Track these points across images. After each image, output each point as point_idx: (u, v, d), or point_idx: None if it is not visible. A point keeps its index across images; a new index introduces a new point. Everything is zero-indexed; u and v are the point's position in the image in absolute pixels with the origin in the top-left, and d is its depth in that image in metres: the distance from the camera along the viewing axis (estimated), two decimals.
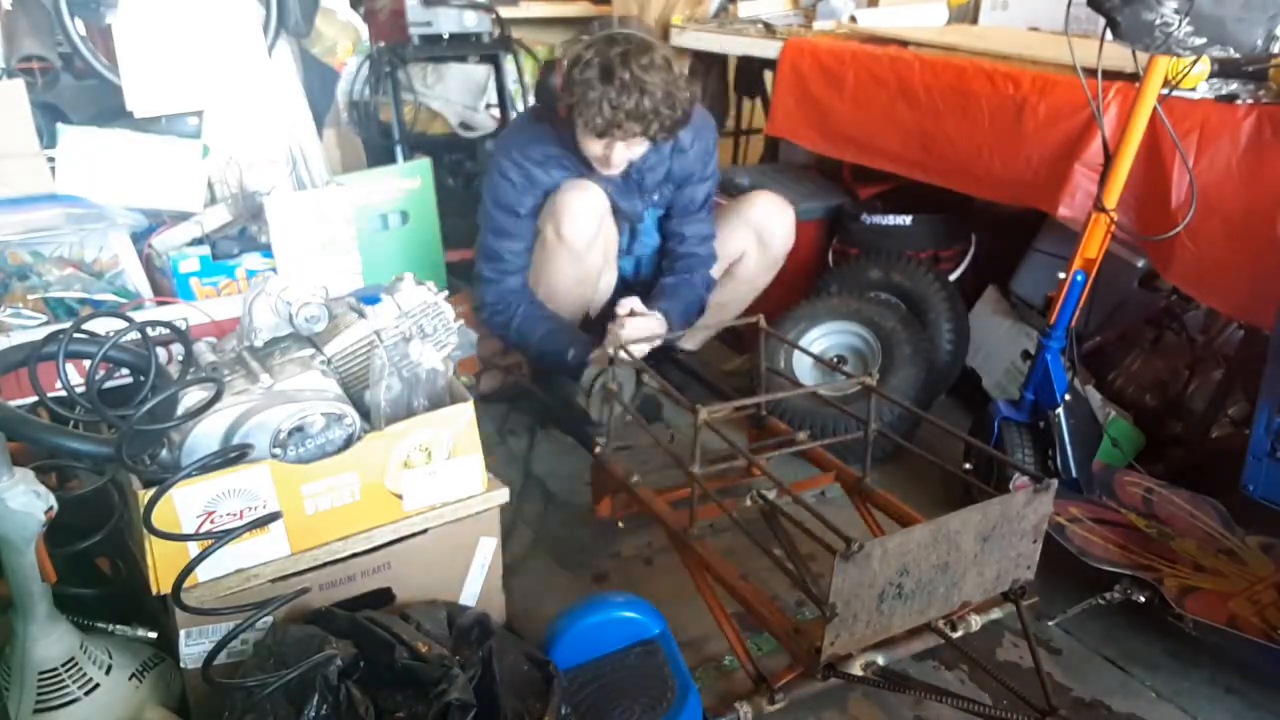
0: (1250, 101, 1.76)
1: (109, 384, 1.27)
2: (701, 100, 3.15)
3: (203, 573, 1.20)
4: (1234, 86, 1.81)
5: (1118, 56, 1.63)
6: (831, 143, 2.56)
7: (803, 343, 2.28)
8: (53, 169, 1.95)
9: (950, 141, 2.22)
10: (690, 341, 2.49)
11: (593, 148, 1.99)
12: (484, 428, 1.42)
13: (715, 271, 2.32)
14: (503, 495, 1.43)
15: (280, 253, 1.93)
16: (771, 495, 1.54)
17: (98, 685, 1.23)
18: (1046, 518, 1.37)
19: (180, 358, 1.29)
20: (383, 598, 1.37)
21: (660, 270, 2.32)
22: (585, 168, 2.09)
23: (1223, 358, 2.11)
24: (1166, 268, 1.87)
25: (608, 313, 2.24)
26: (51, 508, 1.12)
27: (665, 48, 1.96)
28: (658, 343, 2.06)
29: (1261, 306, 1.70)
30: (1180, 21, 1.45)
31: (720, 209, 2.37)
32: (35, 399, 1.20)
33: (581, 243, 2.08)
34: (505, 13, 3.16)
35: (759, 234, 2.29)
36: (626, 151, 2.00)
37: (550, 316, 2.14)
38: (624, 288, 2.34)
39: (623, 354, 1.80)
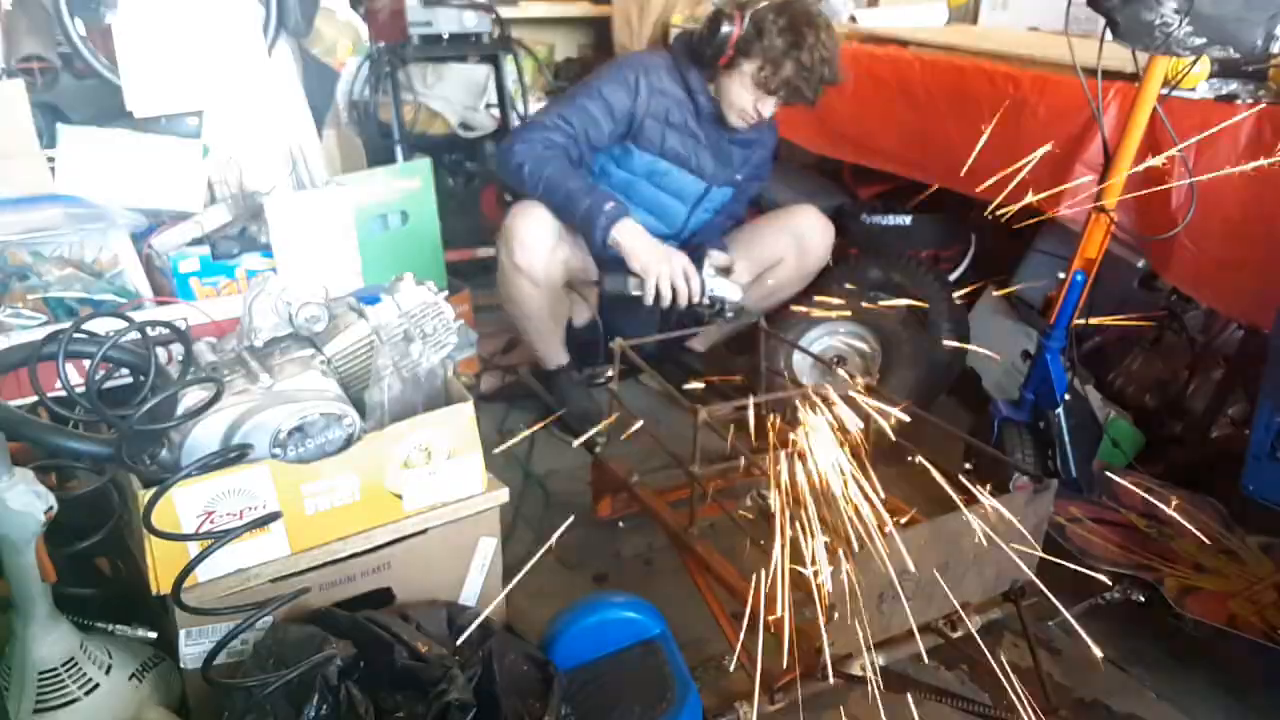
0: (1250, 101, 1.76)
1: (109, 384, 1.27)
2: None
3: (202, 573, 1.20)
4: (1234, 86, 1.81)
5: (1118, 56, 1.63)
6: (831, 143, 2.56)
7: (803, 343, 2.28)
8: (53, 169, 1.95)
9: (950, 141, 2.22)
10: (700, 343, 2.50)
11: (743, 98, 2.10)
12: (484, 428, 1.42)
13: (747, 275, 2.33)
14: (503, 495, 1.43)
15: (280, 253, 1.93)
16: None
17: (98, 685, 1.23)
18: (1046, 518, 1.37)
19: (180, 358, 1.29)
20: (383, 598, 1.37)
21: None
22: (694, 117, 2.17)
23: (1223, 358, 2.11)
24: (1166, 268, 1.87)
25: (613, 315, 2.28)
26: (51, 508, 1.12)
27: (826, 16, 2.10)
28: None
29: (1261, 307, 1.70)
30: (1180, 21, 1.45)
31: (762, 217, 2.43)
32: (35, 399, 1.20)
33: (538, 268, 2.12)
34: (505, 13, 3.16)
35: (799, 243, 2.33)
36: (768, 112, 2.13)
37: (590, 184, 2.10)
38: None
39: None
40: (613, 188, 2.20)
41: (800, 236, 2.33)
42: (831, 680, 1.34)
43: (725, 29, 2.05)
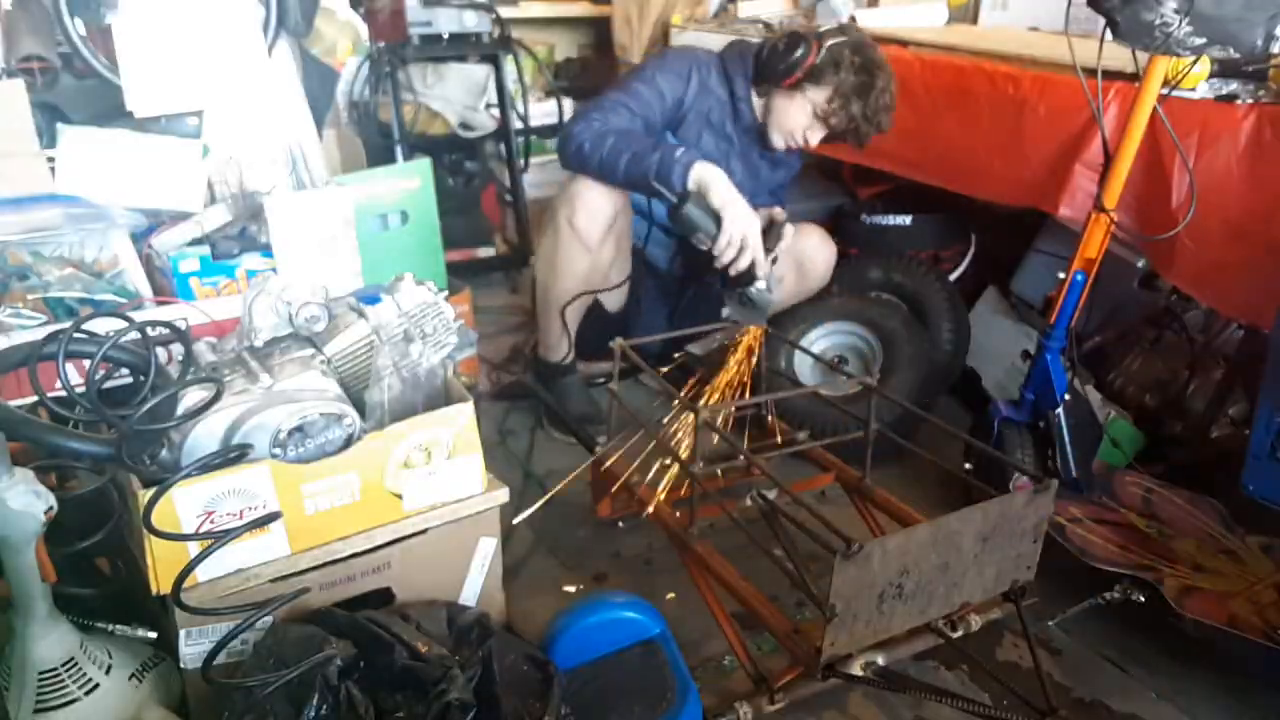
0: (1250, 101, 1.76)
1: (109, 384, 1.27)
2: None
3: (202, 573, 1.20)
4: (1234, 86, 1.81)
5: (1118, 56, 1.63)
6: (830, 143, 2.56)
7: (803, 343, 2.28)
8: (53, 169, 1.95)
9: (950, 141, 2.22)
10: (699, 346, 2.50)
11: (798, 122, 2.12)
12: (484, 428, 1.42)
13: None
14: (503, 495, 1.43)
15: (280, 253, 1.93)
16: (771, 495, 1.54)
17: (98, 685, 1.23)
18: (1046, 518, 1.37)
19: (180, 358, 1.29)
20: (383, 598, 1.37)
21: (686, 266, 2.38)
22: (732, 122, 2.19)
23: (1223, 358, 2.11)
24: (1166, 268, 1.87)
25: (627, 310, 2.29)
26: (51, 508, 1.12)
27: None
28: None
29: (1261, 307, 1.70)
30: (1180, 21, 1.45)
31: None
32: (35, 399, 1.20)
33: (595, 236, 2.10)
34: (505, 13, 3.16)
35: (800, 264, 2.31)
36: (814, 140, 2.16)
37: (655, 141, 2.02)
38: (654, 277, 2.39)
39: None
40: None
41: (801, 257, 2.31)
42: (831, 680, 1.34)
43: (801, 51, 2.05)
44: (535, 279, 2.30)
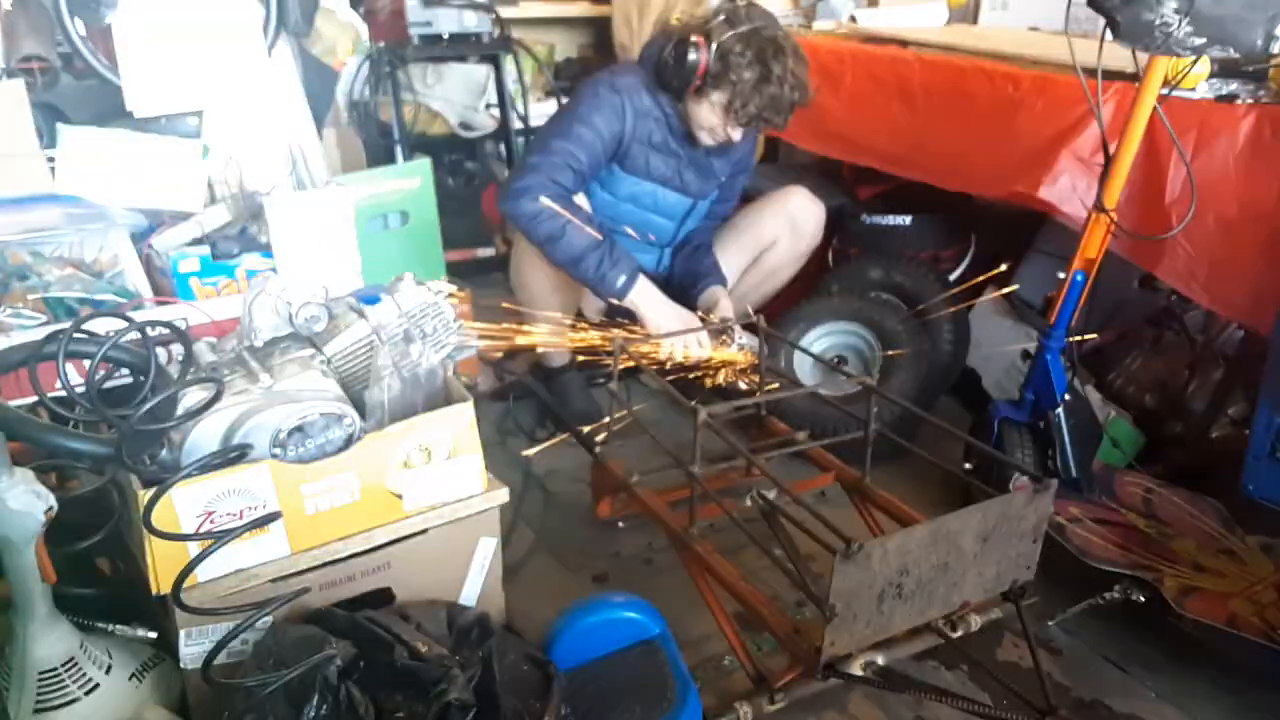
0: (1250, 101, 1.76)
1: (109, 384, 1.27)
2: None
3: (202, 573, 1.20)
4: (1234, 86, 1.81)
5: (1118, 56, 1.63)
6: (830, 143, 2.56)
7: (803, 343, 2.28)
8: (53, 169, 1.95)
9: (950, 141, 2.22)
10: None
11: (713, 122, 2.07)
12: (484, 428, 1.42)
13: (744, 258, 2.39)
14: (503, 495, 1.43)
15: (280, 253, 1.93)
16: (771, 495, 1.54)
17: (97, 685, 1.23)
18: (1046, 518, 1.37)
19: (180, 358, 1.29)
20: (383, 598, 1.37)
21: (674, 265, 2.38)
22: (671, 135, 2.15)
23: (1223, 358, 2.11)
24: (1157, 266, 1.87)
25: (615, 310, 2.25)
26: (51, 508, 1.12)
27: (793, 37, 2.05)
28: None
29: (1258, 307, 1.70)
30: (1180, 21, 1.45)
31: (752, 203, 2.44)
32: (35, 399, 1.20)
33: None
34: (505, 13, 3.16)
35: (792, 223, 2.35)
36: (736, 136, 2.10)
37: (596, 242, 2.01)
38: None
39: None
40: (599, 210, 2.17)
41: (792, 217, 2.35)
42: (831, 680, 1.34)
43: (692, 58, 1.98)
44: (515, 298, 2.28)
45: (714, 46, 1.98)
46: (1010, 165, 2.06)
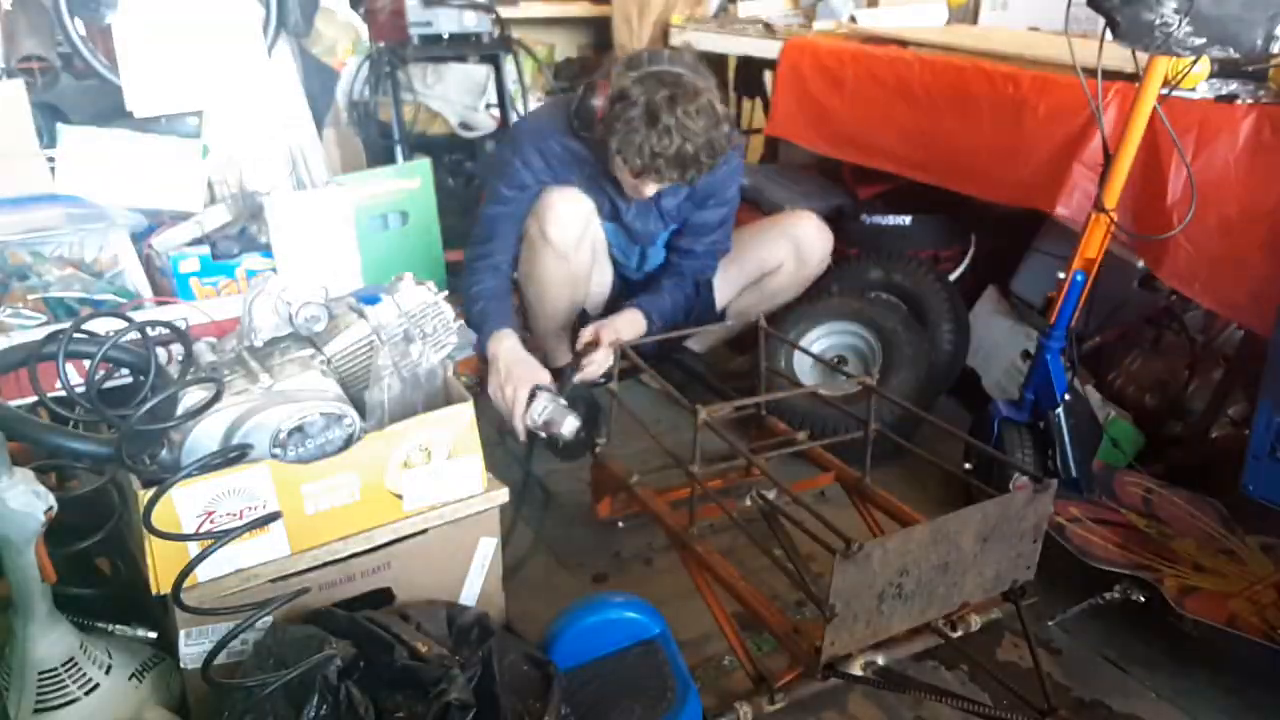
0: (1250, 101, 1.76)
1: (109, 384, 1.27)
2: None
3: (202, 573, 1.20)
4: (1234, 86, 1.81)
5: (1118, 56, 1.63)
6: (831, 143, 2.56)
7: (803, 343, 2.28)
8: (53, 169, 1.95)
9: (950, 141, 2.22)
10: (698, 343, 2.50)
11: (622, 175, 1.97)
12: (484, 428, 1.42)
13: (744, 277, 2.33)
14: (503, 495, 1.43)
15: (280, 253, 1.93)
16: (771, 495, 1.54)
17: (97, 685, 1.23)
18: (1046, 518, 1.37)
19: (180, 358, 1.29)
20: (383, 598, 1.37)
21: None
22: (605, 177, 2.06)
23: (1223, 358, 2.11)
24: (1159, 267, 1.87)
25: (609, 310, 2.25)
26: (51, 508, 1.12)
27: (711, 89, 1.87)
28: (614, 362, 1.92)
29: (1259, 307, 1.70)
30: (1180, 21, 1.45)
31: (761, 221, 2.39)
32: (35, 399, 1.20)
33: (569, 243, 2.08)
34: (505, 13, 3.16)
35: (798, 249, 2.30)
36: (658, 186, 1.96)
37: (493, 298, 2.04)
38: (628, 293, 2.31)
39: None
40: None
41: (799, 243, 2.30)
42: (831, 680, 1.34)
43: (591, 102, 1.90)
44: (523, 298, 2.26)
45: (611, 94, 1.86)
46: (1022, 175, 2.06)
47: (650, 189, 1.96)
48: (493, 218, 2.08)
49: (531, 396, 1.84)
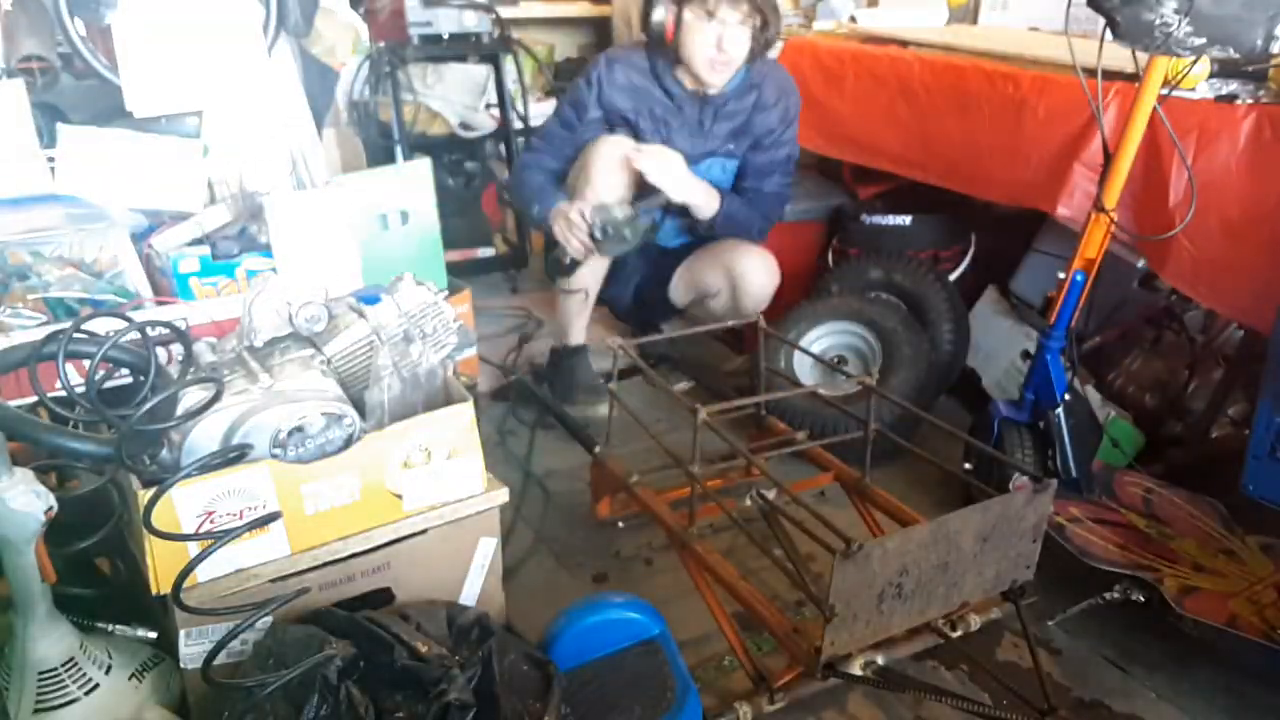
0: (1250, 101, 1.76)
1: (109, 384, 1.27)
2: None
3: (202, 573, 1.20)
4: (1234, 86, 1.81)
5: (1118, 56, 1.63)
6: (831, 143, 2.56)
7: (803, 343, 2.28)
8: (53, 169, 1.95)
9: (950, 141, 2.22)
10: (673, 326, 2.56)
11: (704, 45, 2.12)
12: (484, 428, 1.42)
13: (692, 291, 2.43)
14: (503, 495, 1.43)
15: (280, 253, 1.92)
16: (771, 495, 1.54)
17: (97, 685, 1.23)
18: (1046, 518, 1.37)
19: (180, 358, 1.29)
20: (382, 598, 1.37)
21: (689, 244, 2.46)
22: (668, 99, 2.24)
23: (1223, 358, 2.11)
24: (1163, 267, 1.87)
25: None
26: (51, 508, 1.12)
27: None
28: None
29: (1260, 307, 1.70)
30: (1180, 21, 1.45)
31: (715, 245, 2.39)
32: (35, 399, 1.20)
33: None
34: (505, 13, 3.16)
35: (737, 283, 2.32)
36: (734, 46, 2.12)
37: (543, 186, 2.32)
38: (655, 256, 2.48)
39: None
40: None
41: (738, 277, 2.31)
42: (831, 680, 1.34)
43: (658, 14, 2.14)
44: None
45: None
46: (1022, 175, 2.06)
47: (729, 42, 2.11)
48: (550, 131, 2.35)
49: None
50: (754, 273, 2.30)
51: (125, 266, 1.87)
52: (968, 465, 1.88)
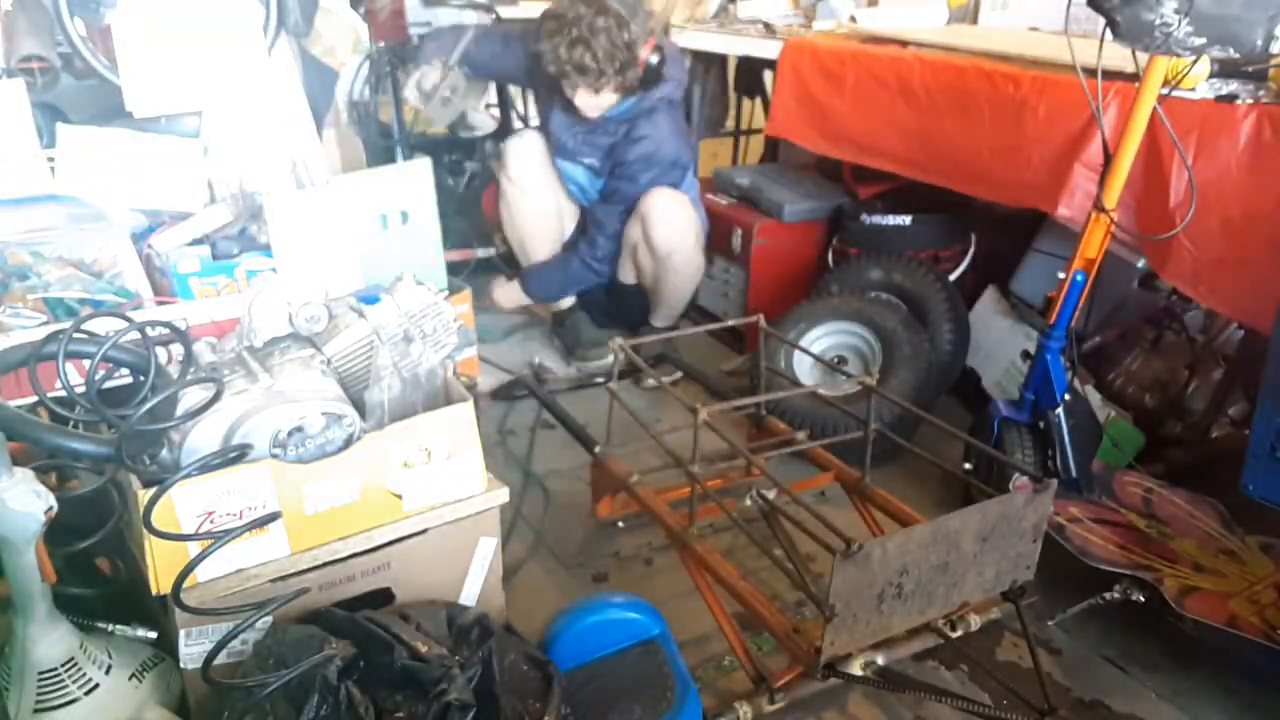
0: (1250, 101, 1.76)
1: (109, 384, 1.27)
2: (701, 100, 3.17)
3: (202, 573, 1.20)
4: (1234, 86, 1.81)
5: (1118, 56, 1.63)
6: (831, 143, 2.56)
7: (803, 343, 2.28)
8: (53, 169, 1.95)
9: (950, 141, 2.22)
10: (658, 319, 2.67)
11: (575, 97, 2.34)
12: (484, 428, 1.42)
13: (630, 270, 2.60)
14: (503, 495, 1.43)
15: (280, 253, 1.92)
16: (771, 495, 1.54)
17: (97, 685, 1.23)
18: (1046, 518, 1.37)
19: (180, 358, 1.29)
20: (382, 598, 1.37)
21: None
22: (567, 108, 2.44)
23: (1223, 358, 2.11)
24: (1164, 267, 1.87)
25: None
26: (51, 508, 1.12)
27: (626, 17, 2.23)
28: None
29: (1260, 307, 1.70)
30: (1180, 21, 1.45)
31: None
32: (35, 399, 1.20)
33: (527, 179, 2.53)
34: (505, 13, 3.15)
35: (644, 224, 2.45)
36: (592, 99, 2.32)
37: None
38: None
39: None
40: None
41: (644, 217, 2.44)
42: (831, 680, 1.34)
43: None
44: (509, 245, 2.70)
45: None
46: (1022, 175, 2.06)
47: (581, 102, 2.33)
48: (489, 36, 2.66)
49: None
50: (658, 208, 2.43)
51: (125, 266, 1.87)
52: (968, 465, 1.88)
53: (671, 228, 2.44)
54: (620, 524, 1.93)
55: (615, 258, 2.57)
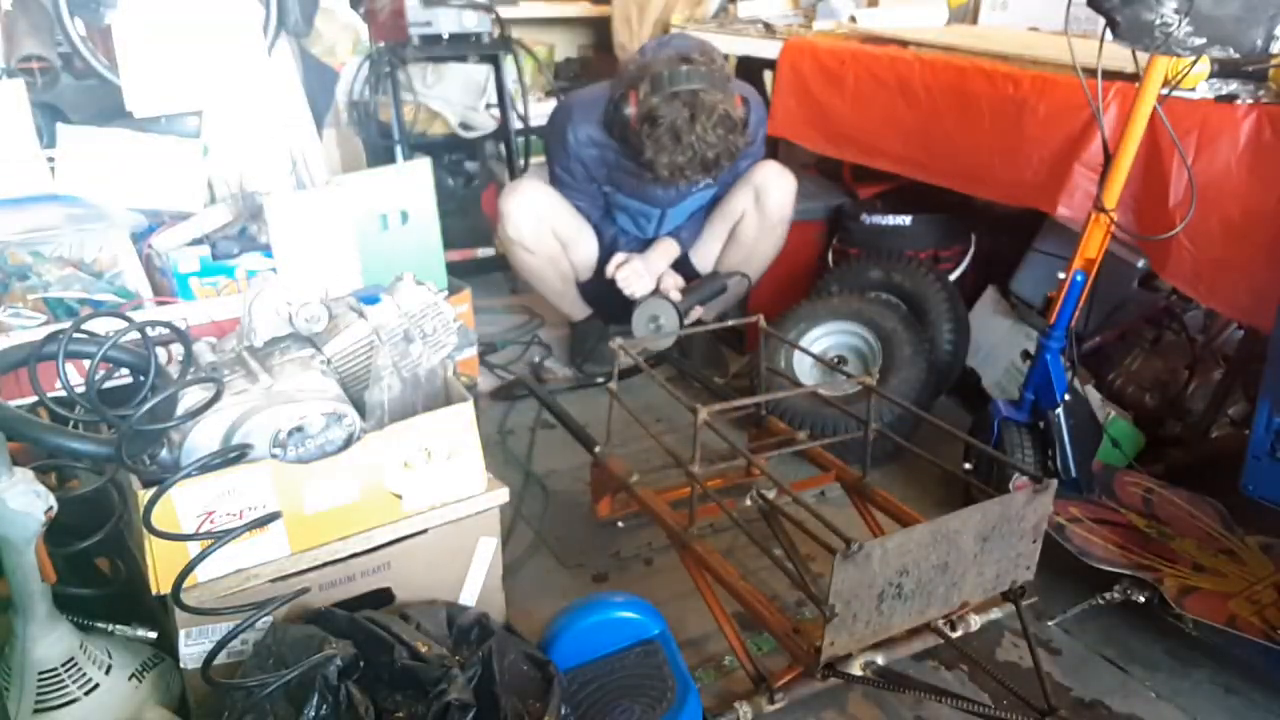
0: (1250, 101, 1.76)
1: (109, 384, 1.27)
2: None
3: (202, 573, 1.20)
4: (1234, 86, 1.81)
5: (1118, 56, 1.63)
6: (832, 143, 2.56)
7: (803, 343, 2.28)
8: (53, 169, 1.95)
9: (950, 141, 2.22)
10: (706, 313, 2.65)
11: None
12: (484, 428, 1.42)
13: (719, 236, 2.58)
14: (503, 495, 1.43)
15: (280, 253, 1.92)
16: (771, 495, 1.54)
17: (97, 685, 1.23)
18: (1046, 518, 1.37)
19: (180, 358, 1.29)
20: (382, 598, 1.37)
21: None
22: (622, 157, 2.33)
23: (1223, 358, 2.11)
24: (1164, 267, 1.87)
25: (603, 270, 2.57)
26: (51, 508, 1.12)
27: (727, 95, 2.17)
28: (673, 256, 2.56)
29: (1260, 307, 1.70)
30: (1180, 21, 1.45)
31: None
32: (35, 399, 1.20)
33: (527, 237, 2.46)
34: (505, 13, 3.16)
35: (757, 193, 2.46)
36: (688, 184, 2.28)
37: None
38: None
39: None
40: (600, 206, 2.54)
41: (757, 188, 2.45)
42: (831, 680, 1.34)
43: (625, 112, 2.20)
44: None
45: (639, 113, 2.16)
46: (1022, 175, 2.06)
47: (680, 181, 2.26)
48: (563, 180, 2.47)
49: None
50: (772, 179, 2.45)
51: (125, 266, 1.88)
52: (968, 465, 1.88)
53: (785, 195, 2.47)
54: (620, 524, 1.93)
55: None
